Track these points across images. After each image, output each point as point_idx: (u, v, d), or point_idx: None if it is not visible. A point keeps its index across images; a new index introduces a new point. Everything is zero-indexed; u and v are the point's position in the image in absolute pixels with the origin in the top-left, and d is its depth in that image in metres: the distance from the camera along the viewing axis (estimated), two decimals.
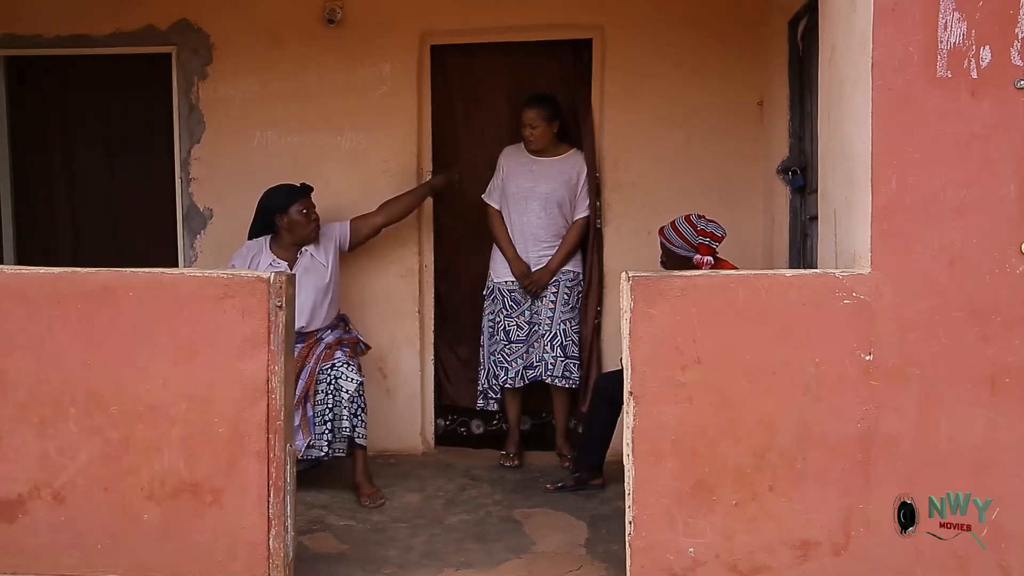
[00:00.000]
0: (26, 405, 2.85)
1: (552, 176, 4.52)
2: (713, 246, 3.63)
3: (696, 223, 3.64)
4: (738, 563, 2.68)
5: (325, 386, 4.02)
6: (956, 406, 2.63)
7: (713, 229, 3.64)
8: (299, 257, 4.20)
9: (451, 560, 3.32)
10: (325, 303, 4.19)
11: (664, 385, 2.67)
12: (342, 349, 4.12)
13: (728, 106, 4.59)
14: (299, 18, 4.71)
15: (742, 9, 4.54)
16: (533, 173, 4.53)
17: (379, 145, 4.74)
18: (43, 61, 4.95)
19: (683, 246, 3.64)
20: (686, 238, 3.63)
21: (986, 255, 2.60)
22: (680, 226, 3.66)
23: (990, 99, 2.59)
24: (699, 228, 3.62)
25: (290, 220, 4.15)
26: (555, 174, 4.52)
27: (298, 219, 4.15)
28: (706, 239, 3.61)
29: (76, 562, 2.87)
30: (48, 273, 2.87)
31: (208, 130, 4.79)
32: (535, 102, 4.49)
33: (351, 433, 3.99)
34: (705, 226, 3.63)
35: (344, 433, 3.99)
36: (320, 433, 3.99)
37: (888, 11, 2.60)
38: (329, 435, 4.00)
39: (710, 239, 3.62)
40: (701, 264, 3.61)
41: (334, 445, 4.02)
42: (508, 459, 4.56)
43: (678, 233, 3.65)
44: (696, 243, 3.61)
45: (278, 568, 2.83)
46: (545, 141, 4.50)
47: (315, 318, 4.14)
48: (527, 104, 4.49)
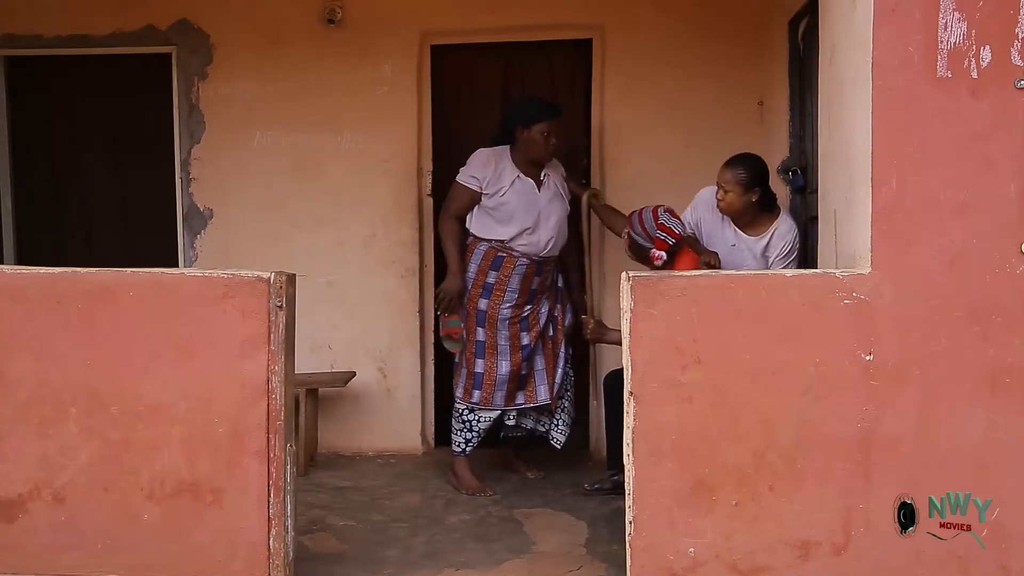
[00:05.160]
0: (26, 405, 2.85)
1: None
2: (669, 242, 3.64)
3: (659, 216, 3.66)
4: (738, 563, 2.68)
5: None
6: (956, 406, 2.63)
7: (672, 225, 3.65)
8: (544, 181, 4.18)
9: (451, 560, 3.32)
10: (566, 231, 4.24)
11: (664, 385, 2.67)
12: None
13: (728, 106, 4.59)
14: (299, 18, 4.72)
15: (742, 9, 4.54)
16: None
17: (379, 145, 4.74)
18: (43, 61, 4.95)
19: (641, 234, 3.66)
20: (646, 228, 3.65)
21: (986, 255, 2.60)
22: (645, 215, 3.69)
23: (990, 99, 2.59)
24: (659, 222, 3.64)
25: (530, 136, 4.08)
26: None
27: (537, 139, 4.08)
28: (663, 234, 3.62)
29: (76, 562, 2.87)
30: (48, 273, 2.87)
31: (208, 130, 4.79)
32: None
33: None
34: (666, 221, 3.65)
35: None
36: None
37: (888, 11, 2.60)
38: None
39: (667, 234, 3.63)
40: (654, 258, 3.64)
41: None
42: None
43: (640, 221, 3.68)
44: (653, 236, 3.63)
45: (278, 568, 2.83)
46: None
47: (555, 245, 4.20)
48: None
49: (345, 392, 4.77)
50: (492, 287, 4.16)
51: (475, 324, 4.20)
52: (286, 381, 2.83)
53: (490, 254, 4.15)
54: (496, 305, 4.16)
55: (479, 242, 4.17)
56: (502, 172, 4.11)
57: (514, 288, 4.15)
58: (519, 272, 4.14)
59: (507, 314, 4.17)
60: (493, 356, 4.17)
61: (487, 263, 4.16)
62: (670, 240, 3.63)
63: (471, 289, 4.19)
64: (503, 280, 4.14)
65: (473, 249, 4.19)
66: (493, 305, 4.16)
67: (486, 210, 4.14)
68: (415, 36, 4.72)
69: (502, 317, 4.17)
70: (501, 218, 4.12)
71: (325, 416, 4.79)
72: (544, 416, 4.37)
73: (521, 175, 4.12)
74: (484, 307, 4.17)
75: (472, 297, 4.19)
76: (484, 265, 4.16)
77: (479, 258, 4.17)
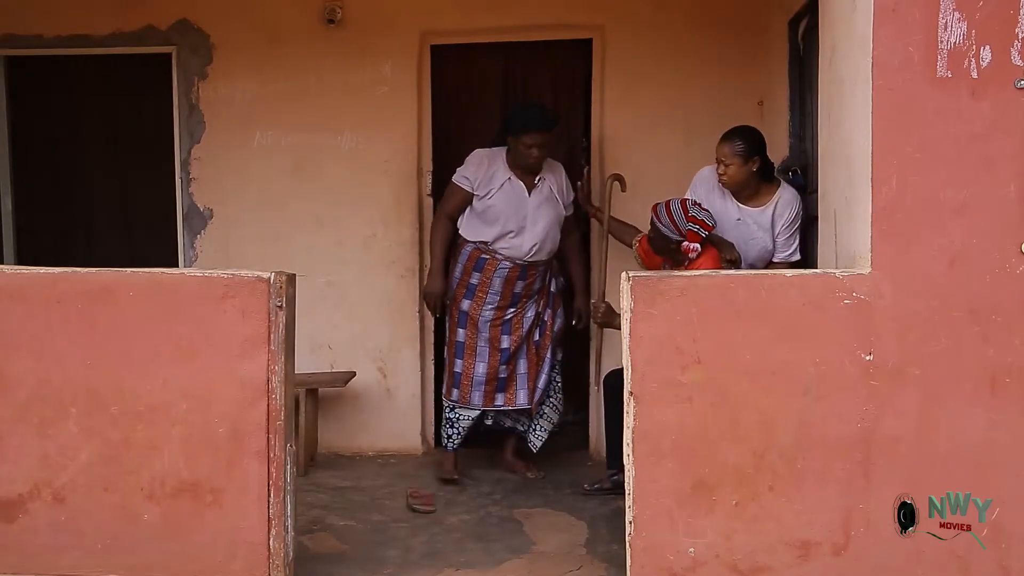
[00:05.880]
0: (26, 405, 2.85)
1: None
2: (702, 234, 3.64)
3: (689, 209, 3.65)
4: (738, 563, 2.68)
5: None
6: (956, 406, 2.63)
7: (704, 218, 3.64)
8: (538, 184, 4.15)
9: (451, 560, 3.32)
10: (556, 236, 4.20)
11: (664, 385, 2.67)
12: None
13: (728, 106, 4.58)
14: (299, 18, 4.71)
15: (742, 9, 4.54)
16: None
17: (379, 145, 4.74)
18: (43, 61, 4.95)
19: (670, 227, 3.64)
20: (675, 221, 3.64)
21: (986, 255, 2.60)
22: (673, 207, 3.67)
23: (990, 99, 2.59)
24: (690, 214, 3.63)
25: (517, 145, 4.08)
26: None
27: (522, 151, 4.08)
28: (695, 226, 3.61)
29: (76, 562, 2.87)
30: (48, 273, 2.87)
31: (208, 130, 4.79)
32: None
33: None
34: (697, 213, 3.64)
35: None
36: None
37: (888, 11, 2.60)
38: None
39: (699, 227, 3.62)
40: (688, 251, 3.64)
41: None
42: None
43: (669, 214, 3.66)
44: (684, 229, 3.62)
45: (278, 568, 2.83)
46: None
47: (541, 250, 4.15)
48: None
49: (345, 392, 4.77)
50: (475, 288, 4.17)
51: (456, 324, 4.22)
52: (286, 381, 2.83)
53: (474, 255, 4.16)
54: (478, 307, 4.17)
55: (466, 243, 4.19)
56: (494, 173, 4.11)
57: (496, 290, 4.15)
58: (500, 275, 4.13)
59: (489, 316, 4.17)
60: (472, 356, 4.19)
61: (471, 264, 4.17)
62: (703, 232, 3.63)
63: (456, 289, 4.21)
64: (485, 282, 4.14)
65: (460, 250, 4.21)
66: (475, 306, 4.17)
67: (475, 211, 4.16)
68: (415, 36, 4.72)
69: (484, 319, 4.17)
70: (487, 220, 4.13)
71: (325, 416, 4.79)
72: (524, 417, 4.38)
73: (513, 177, 4.12)
74: (466, 308, 4.19)
75: (456, 297, 4.21)
76: (468, 266, 4.17)
77: (464, 259, 4.19)
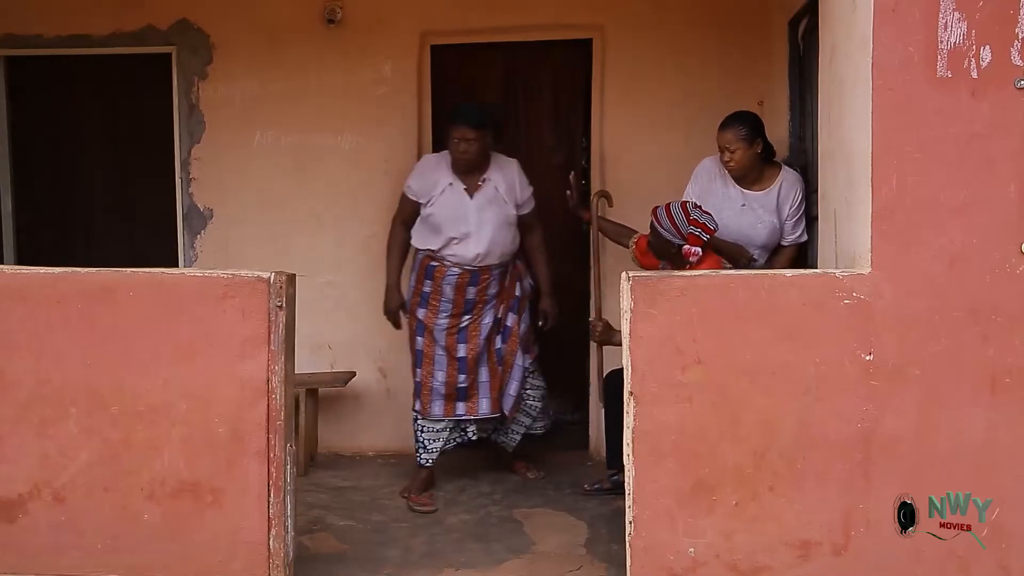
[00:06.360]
0: (26, 405, 2.85)
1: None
2: (703, 238, 3.62)
3: (690, 212, 3.63)
4: (738, 563, 2.68)
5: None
6: (956, 406, 2.63)
7: (706, 221, 3.63)
8: (481, 186, 3.99)
9: (451, 560, 3.32)
10: (506, 238, 4.04)
11: (664, 385, 2.67)
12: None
13: (728, 106, 4.54)
14: (299, 18, 4.71)
15: (742, 9, 4.54)
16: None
17: (379, 145, 4.73)
18: (43, 61, 4.95)
19: (671, 231, 3.62)
20: (676, 224, 3.61)
21: (986, 255, 2.60)
22: (674, 211, 3.65)
23: (990, 99, 2.59)
24: (691, 218, 3.60)
25: (448, 139, 3.97)
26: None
27: (451, 146, 3.95)
28: (697, 230, 3.59)
29: (76, 562, 2.87)
30: (48, 273, 2.87)
31: (208, 130, 4.78)
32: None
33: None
34: (699, 216, 3.62)
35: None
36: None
37: (888, 11, 2.60)
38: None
39: (701, 230, 3.61)
40: (689, 255, 3.61)
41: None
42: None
43: (670, 217, 3.64)
44: (686, 232, 3.60)
45: (278, 568, 2.83)
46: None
47: (490, 255, 4.00)
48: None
49: (345, 392, 4.77)
50: (428, 296, 4.09)
51: (415, 333, 4.14)
52: (286, 381, 2.83)
53: (424, 263, 4.09)
54: (433, 315, 4.07)
55: (418, 252, 4.13)
56: (437, 180, 4.00)
57: (448, 298, 4.04)
58: (450, 282, 4.02)
59: (444, 324, 4.07)
60: (430, 365, 4.09)
61: (422, 272, 4.09)
62: (704, 236, 3.61)
63: (411, 298, 4.14)
64: (437, 290, 4.04)
65: (414, 258, 4.16)
66: (430, 315, 4.08)
67: (422, 218, 4.07)
68: (415, 36, 4.72)
69: (439, 327, 4.07)
70: (431, 228, 4.03)
71: (325, 416, 4.79)
72: (500, 425, 4.29)
73: (455, 181, 3.99)
74: (422, 316, 4.10)
75: (412, 306, 4.13)
76: (420, 274, 4.10)
77: (417, 267, 4.13)
